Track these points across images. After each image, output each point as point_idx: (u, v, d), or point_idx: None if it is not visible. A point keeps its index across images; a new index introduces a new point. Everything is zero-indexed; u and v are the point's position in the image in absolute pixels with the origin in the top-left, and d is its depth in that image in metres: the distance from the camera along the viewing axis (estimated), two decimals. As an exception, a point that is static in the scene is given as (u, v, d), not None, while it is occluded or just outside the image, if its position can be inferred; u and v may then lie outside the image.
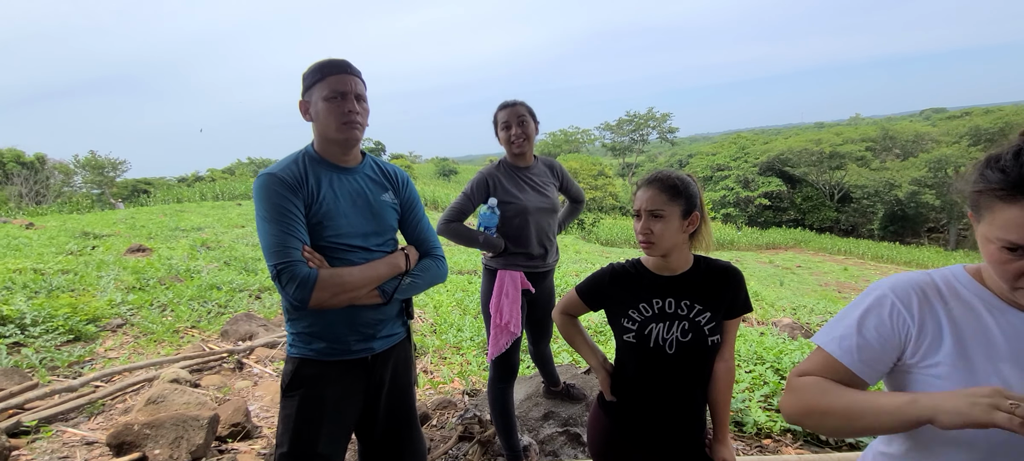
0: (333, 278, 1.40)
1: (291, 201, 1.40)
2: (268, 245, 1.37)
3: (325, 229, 1.46)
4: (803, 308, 8.13)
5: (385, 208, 1.58)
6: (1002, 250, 0.76)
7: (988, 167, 0.79)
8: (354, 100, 1.47)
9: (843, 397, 0.83)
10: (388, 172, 1.66)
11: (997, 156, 0.78)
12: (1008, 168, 0.75)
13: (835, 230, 34.01)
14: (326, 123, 1.46)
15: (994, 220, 0.77)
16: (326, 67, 1.46)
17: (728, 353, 1.44)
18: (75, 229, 10.52)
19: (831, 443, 2.79)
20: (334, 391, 1.51)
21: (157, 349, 4.12)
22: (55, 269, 6.18)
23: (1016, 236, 0.73)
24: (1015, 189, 0.73)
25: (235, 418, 2.80)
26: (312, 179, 1.46)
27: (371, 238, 1.53)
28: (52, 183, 31.12)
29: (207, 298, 5.42)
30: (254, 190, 1.44)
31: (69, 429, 2.83)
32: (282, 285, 1.36)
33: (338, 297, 1.41)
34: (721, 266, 1.44)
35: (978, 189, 0.80)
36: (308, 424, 1.47)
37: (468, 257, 9.22)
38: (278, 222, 1.38)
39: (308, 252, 1.41)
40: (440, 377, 3.82)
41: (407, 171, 10.39)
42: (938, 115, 61.94)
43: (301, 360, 1.49)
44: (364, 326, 1.51)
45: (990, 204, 0.77)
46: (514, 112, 2.24)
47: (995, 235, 0.76)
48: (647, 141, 48.68)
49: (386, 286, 1.52)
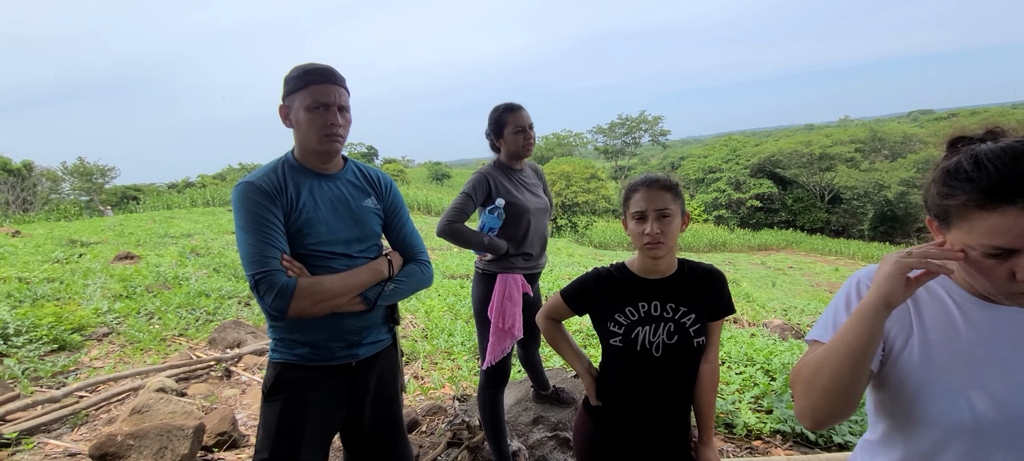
0: (313, 286, 1.38)
1: (269, 210, 1.38)
2: (246, 254, 1.35)
3: (305, 237, 1.43)
4: (794, 309, 8.18)
5: (367, 214, 1.55)
6: (985, 257, 0.78)
7: (953, 179, 0.81)
8: (337, 112, 1.43)
9: (824, 347, 0.88)
10: (370, 177, 1.63)
11: (955, 168, 0.81)
12: (976, 177, 0.77)
13: (826, 231, 34.31)
14: (307, 133, 1.43)
15: (972, 228, 0.78)
16: (309, 75, 1.42)
17: (712, 354, 1.44)
18: (62, 237, 10.38)
19: (820, 443, 2.80)
20: (317, 397, 1.48)
21: (143, 358, 4.07)
22: (40, 278, 6.09)
23: (1000, 240, 0.75)
24: (989, 196, 0.75)
25: (222, 427, 2.76)
26: (291, 186, 1.44)
27: (353, 244, 1.51)
28: (39, 190, 30.76)
29: (195, 305, 5.36)
30: (232, 199, 1.42)
31: (51, 440, 2.78)
32: (260, 295, 1.33)
33: (318, 306, 1.39)
34: (704, 268, 1.44)
35: (949, 202, 0.81)
36: (290, 430, 1.44)
37: (460, 261, 9.20)
38: (256, 231, 1.35)
39: (287, 260, 1.38)
40: (430, 383, 3.80)
41: (400, 175, 10.31)
42: (925, 116, 62.79)
43: (283, 365, 1.47)
44: (348, 333, 1.49)
45: (965, 214, 0.79)
46: (525, 117, 2.26)
47: (976, 243, 0.78)
48: (639, 144, 48.96)
49: (369, 293, 1.49)
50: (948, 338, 0.87)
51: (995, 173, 0.75)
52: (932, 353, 0.87)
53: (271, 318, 1.41)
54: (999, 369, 0.83)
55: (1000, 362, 0.83)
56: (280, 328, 1.47)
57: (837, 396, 0.84)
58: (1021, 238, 0.74)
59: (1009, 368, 0.82)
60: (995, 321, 0.85)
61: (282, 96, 1.48)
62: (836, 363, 0.83)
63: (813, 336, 0.96)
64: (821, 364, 0.85)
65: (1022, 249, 0.75)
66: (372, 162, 50.74)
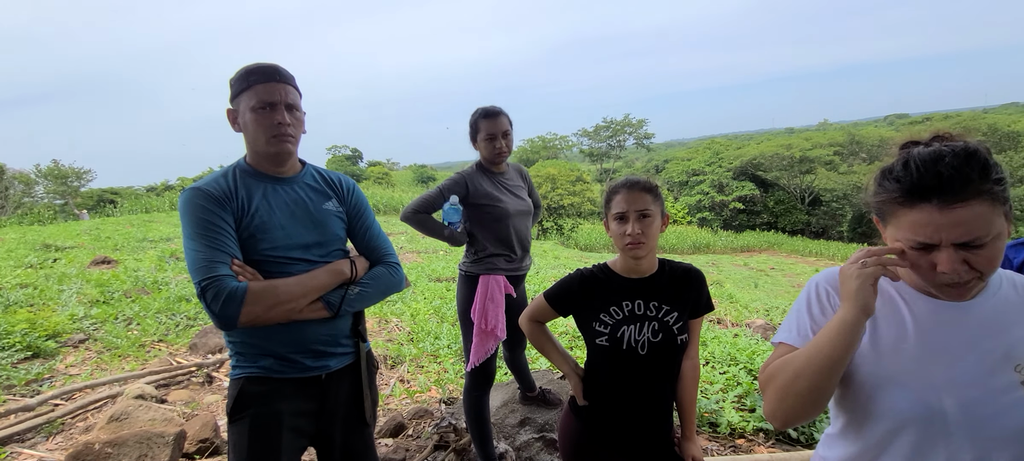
0: (265, 291, 1.28)
1: (218, 215, 1.30)
2: (192, 262, 1.26)
3: (259, 242, 1.35)
4: (776, 309, 8.31)
5: (328, 217, 1.48)
6: (911, 250, 0.85)
7: (886, 179, 0.88)
8: (284, 110, 1.36)
9: (800, 354, 0.91)
10: (331, 180, 1.56)
11: (890, 168, 0.88)
12: (902, 177, 0.84)
13: (806, 232, 34.90)
14: (255, 135, 1.37)
15: (899, 224, 0.86)
16: (253, 74, 1.35)
17: (693, 351, 1.47)
18: (36, 241, 10.11)
19: (802, 441, 2.85)
20: (289, 408, 1.38)
21: (122, 364, 3.98)
22: (13, 283, 5.93)
23: (922, 235, 0.82)
24: (910, 195, 0.83)
25: (203, 434, 2.72)
26: (243, 191, 1.36)
27: (313, 249, 1.43)
28: (11, 194, 29.87)
29: (175, 311, 5.26)
30: (179, 207, 1.33)
31: (25, 450, 2.71)
32: (207, 302, 1.23)
33: (272, 311, 1.29)
34: (684, 267, 1.48)
35: (881, 199, 0.89)
36: (266, 448, 1.34)
37: (446, 264, 9.16)
38: (203, 238, 1.27)
39: (238, 265, 1.30)
40: (417, 386, 3.78)
41: (385, 178, 10.22)
42: (901, 120, 64.39)
43: (247, 379, 1.36)
44: (313, 343, 1.40)
45: (893, 211, 0.87)
46: (499, 125, 2.24)
47: (903, 237, 0.85)
48: (624, 147, 49.33)
49: (331, 297, 1.40)
50: (898, 335, 0.92)
51: (916, 173, 0.82)
52: (882, 348, 0.92)
53: (222, 326, 1.28)
54: (942, 362, 0.87)
55: (944, 354, 0.88)
56: (238, 340, 1.37)
57: (812, 403, 0.87)
58: (937, 233, 0.81)
59: (951, 361, 0.87)
60: (938, 315, 0.90)
61: (229, 99, 1.40)
62: (814, 373, 0.86)
63: (780, 338, 1.00)
64: (799, 372, 0.88)
65: (939, 243, 0.81)
66: (357, 165, 50.20)
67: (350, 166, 48.38)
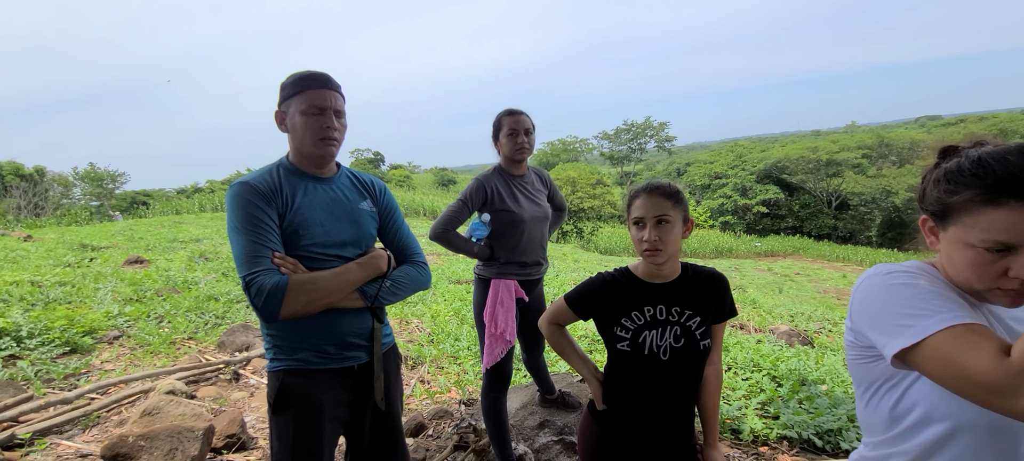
0: (306, 283, 1.36)
1: (263, 210, 1.37)
2: (239, 255, 1.34)
3: (301, 238, 1.42)
4: (801, 315, 8.13)
5: (364, 216, 1.56)
6: (985, 252, 0.81)
7: (959, 176, 0.85)
8: (332, 116, 1.45)
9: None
10: (364, 181, 1.65)
11: (958, 168, 0.85)
12: (981, 174, 0.81)
13: (833, 237, 34.01)
14: (303, 137, 1.45)
15: (975, 225, 0.82)
16: (306, 80, 1.44)
17: (716, 357, 1.45)
18: (73, 241, 10.50)
19: (828, 450, 2.79)
20: (329, 397, 1.46)
21: (153, 361, 4.12)
22: (52, 281, 6.17)
23: (1003, 236, 0.79)
24: (998, 191, 0.79)
25: (231, 429, 2.80)
26: (287, 187, 1.44)
27: (348, 247, 1.50)
28: (51, 195, 31.10)
29: (204, 309, 5.41)
30: (227, 200, 1.41)
31: (63, 442, 2.82)
32: (252, 296, 1.30)
33: (313, 304, 1.37)
34: (707, 272, 1.46)
35: (953, 199, 0.85)
36: (310, 439, 1.41)
37: (466, 267, 9.22)
38: (249, 232, 1.34)
39: (279, 257, 1.37)
40: (437, 387, 3.82)
41: (406, 181, 10.36)
42: (933, 123, 62.30)
43: (286, 372, 1.43)
44: (347, 335, 1.47)
45: (968, 210, 0.83)
46: (521, 122, 2.27)
47: (979, 238, 0.81)
48: (645, 150, 48.84)
49: (367, 288, 1.48)
50: None
51: (1002, 170, 0.79)
52: None
53: (264, 319, 1.36)
54: None
55: None
56: (276, 333, 1.44)
57: None
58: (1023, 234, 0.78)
59: None
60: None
61: (278, 102, 1.49)
62: None
63: (945, 324, 0.78)
64: None
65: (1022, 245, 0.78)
66: (379, 168, 50.81)
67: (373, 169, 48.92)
